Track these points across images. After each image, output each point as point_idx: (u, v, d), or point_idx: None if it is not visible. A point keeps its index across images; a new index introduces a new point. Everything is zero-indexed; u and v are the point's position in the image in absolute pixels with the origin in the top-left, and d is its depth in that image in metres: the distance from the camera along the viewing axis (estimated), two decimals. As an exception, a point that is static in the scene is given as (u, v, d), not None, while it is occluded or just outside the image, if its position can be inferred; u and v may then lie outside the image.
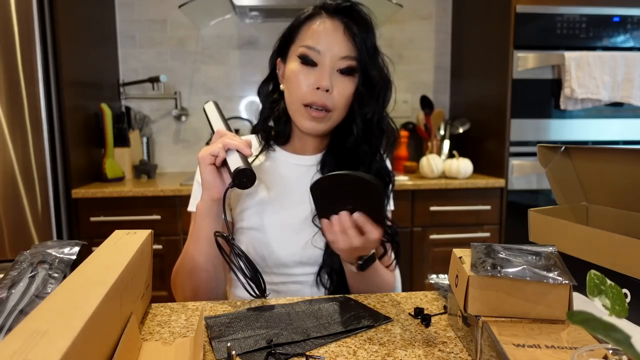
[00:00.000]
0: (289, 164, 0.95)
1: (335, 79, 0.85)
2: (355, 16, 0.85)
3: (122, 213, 1.86)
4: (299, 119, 0.87)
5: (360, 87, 0.86)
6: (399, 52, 2.53)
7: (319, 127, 0.87)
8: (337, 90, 0.85)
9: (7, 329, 0.50)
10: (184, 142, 2.48)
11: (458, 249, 0.64)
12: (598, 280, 0.57)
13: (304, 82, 0.85)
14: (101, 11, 2.22)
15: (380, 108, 0.90)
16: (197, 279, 0.83)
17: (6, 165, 1.69)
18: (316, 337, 0.61)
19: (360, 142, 0.89)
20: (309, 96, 0.84)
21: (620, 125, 2.09)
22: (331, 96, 0.85)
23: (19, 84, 1.68)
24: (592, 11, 1.99)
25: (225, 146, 0.78)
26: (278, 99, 0.94)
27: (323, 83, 0.83)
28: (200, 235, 0.82)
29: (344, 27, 0.84)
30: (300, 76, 0.85)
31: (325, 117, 0.86)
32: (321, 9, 0.87)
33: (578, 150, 0.79)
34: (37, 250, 0.62)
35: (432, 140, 2.31)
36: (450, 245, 1.78)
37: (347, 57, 0.84)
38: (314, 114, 0.85)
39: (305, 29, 0.87)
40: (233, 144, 0.78)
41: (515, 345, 0.48)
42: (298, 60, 0.86)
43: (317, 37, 0.84)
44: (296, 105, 0.86)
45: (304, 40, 0.86)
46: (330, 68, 0.84)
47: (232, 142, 0.78)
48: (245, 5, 2.15)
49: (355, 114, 0.88)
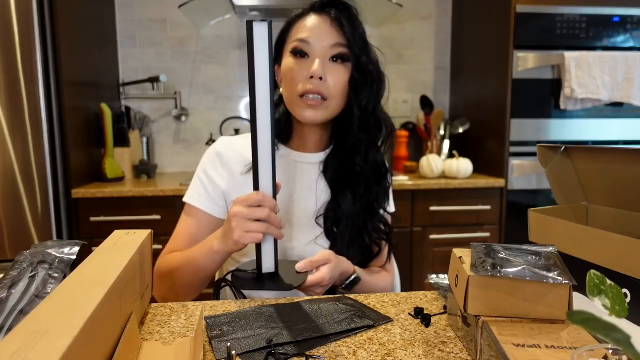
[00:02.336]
0: (291, 161, 0.96)
1: (328, 67, 0.86)
2: (341, 8, 0.88)
3: (122, 213, 1.86)
4: (297, 111, 0.88)
5: (355, 74, 0.88)
6: (399, 52, 2.53)
7: (318, 115, 0.87)
8: (331, 78, 0.86)
9: (7, 329, 0.50)
10: (184, 142, 2.48)
11: (458, 249, 0.64)
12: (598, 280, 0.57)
13: (298, 74, 0.86)
14: (101, 11, 2.22)
15: (375, 97, 0.91)
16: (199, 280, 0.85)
17: (6, 165, 1.69)
18: (316, 337, 0.61)
19: (358, 130, 0.90)
20: (303, 86, 0.86)
21: (620, 125, 2.09)
22: (326, 84, 0.86)
23: (19, 83, 1.68)
24: (592, 11, 1.99)
25: (269, 233, 0.75)
26: (278, 103, 0.95)
27: (315, 70, 0.84)
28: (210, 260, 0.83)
29: (331, 19, 0.87)
30: (294, 68, 0.87)
31: (322, 105, 0.87)
32: (309, 9, 0.90)
33: (578, 150, 0.79)
34: (37, 250, 0.62)
35: (432, 140, 2.31)
36: (450, 245, 1.78)
37: (337, 45, 0.86)
38: (310, 102, 0.86)
39: (295, 27, 0.90)
40: (278, 234, 0.76)
41: (515, 345, 0.48)
42: (291, 56, 0.88)
43: (307, 31, 0.87)
44: (293, 97, 0.88)
45: (295, 36, 0.88)
46: (322, 57, 0.86)
47: (277, 233, 0.76)
48: (245, 5, 2.15)
49: (352, 103, 0.89)
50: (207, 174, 0.94)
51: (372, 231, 0.94)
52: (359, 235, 0.93)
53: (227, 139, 0.97)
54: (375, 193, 0.94)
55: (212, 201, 0.93)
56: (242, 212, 0.73)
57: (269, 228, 0.74)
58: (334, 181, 0.93)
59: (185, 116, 2.44)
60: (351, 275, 0.86)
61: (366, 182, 0.92)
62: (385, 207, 0.97)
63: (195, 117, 2.46)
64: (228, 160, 0.94)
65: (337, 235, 0.91)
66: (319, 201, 0.94)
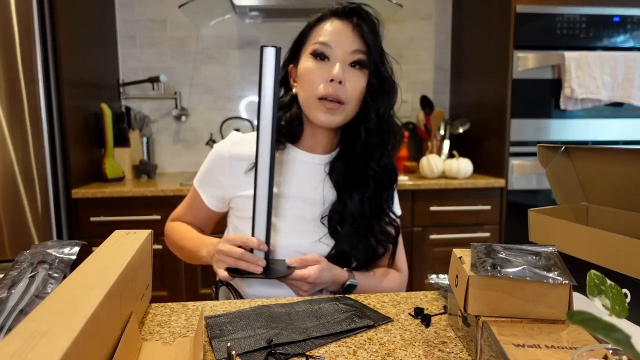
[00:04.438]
0: (299, 161, 0.97)
1: (347, 72, 0.88)
2: (363, 16, 0.90)
3: (122, 213, 1.86)
4: (314, 113, 0.89)
5: (373, 81, 0.89)
6: (399, 52, 2.53)
7: (334, 119, 0.89)
8: (350, 83, 0.87)
9: (7, 329, 0.50)
10: (184, 142, 2.48)
11: (458, 249, 0.64)
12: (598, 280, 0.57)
13: (317, 76, 0.87)
14: (101, 11, 2.22)
15: (390, 104, 0.93)
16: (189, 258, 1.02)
17: (6, 165, 1.69)
18: (316, 337, 0.61)
19: (373, 135, 0.92)
20: (323, 89, 0.87)
21: (620, 125, 2.09)
22: (344, 88, 0.87)
23: (19, 83, 1.68)
24: (592, 11, 1.99)
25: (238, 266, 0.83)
26: (288, 103, 0.96)
27: (336, 73, 0.85)
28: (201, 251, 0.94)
29: (352, 26, 0.88)
30: (314, 71, 0.88)
31: (339, 109, 0.88)
32: (331, 13, 0.91)
33: (578, 150, 0.79)
34: (37, 250, 0.62)
35: (432, 140, 2.31)
36: (450, 245, 1.78)
37: (357, 51, 0.88)
38: (328, 105, 0.87)
39: (316, 30, 0.91)
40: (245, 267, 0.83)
41: (515, 345, 0.48)
42: (310, 57, 0.89)
43: (328, 35, 0.88)
44: (311, 99, 0.89)
45: (316, 39, 0.89)
46: (342, 61, 0.87)
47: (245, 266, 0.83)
48: (245, 5, 2.15)
49: (369, 108, 0.91)
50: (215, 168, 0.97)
51: (379, 233, 0.95)
52: (364, 236, 0.94)
53: (235, 136, 0.98)
54: (385, 196, 0.96)
55: (212, 197, 1.00)
56: (223, 249, 0.83)
57: (235, 262, 0.82)
58: (340, 183, 0.94)
59: (185, 116, 2.44)
60: (345, 282, 0.89)
61: (377, 186, 0.94)
62: (393, 209, 0.99)
63: (195, 117, 2.47)
64: (234, 158, 0.95)
65: (342, 235, 0.92)
66: (325, 201, 0.94)
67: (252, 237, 0.84)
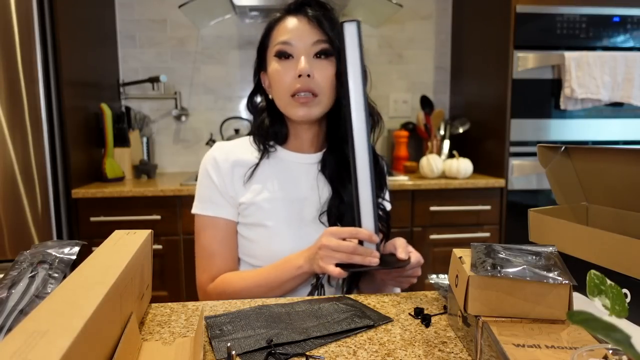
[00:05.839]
0: (290, 162, 0.97)
1: (314, 64, 0.88)
2: (315, 6, 0.90)
3: (122, 213, 1.86)
4: (291, 111, 0.90)
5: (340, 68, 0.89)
6: (399, 52, 2.53)
7: (312, 112, 0.89)
8: (319, 74, 0.88)
9: (7, 329, 0.50)
10: (184, 142, 2.48)
11: (458, 249, 0.64)
12: (598, 280, 0.57)
13: (286, 75, 0.89)
14: (101, 11, 2.22)
15: None
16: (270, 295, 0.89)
17: (6, 165, 1.69)
18: (316, 337, 0.61)
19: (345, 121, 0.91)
20: (294, 85, 0.88)
21: (620, 125, 2.09)
22: (314, 81, 0.88)
23: (19, 83, 1.68)
24: (592, 11, 1.99)
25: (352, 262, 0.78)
26: (267, 108, 0.97)
27: (302, 68, 0.86)
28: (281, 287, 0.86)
29: (307, 18, 0.89)
30: (281, 71, 0.89)
31: (314, 101, 0.89)
32: (284, 12, 0.92)
33: (578, 150, 0.79)
34: (37, 250, 0.62)
35: (432, 140, 2.31)
36: (450, 245, 1.78)
37: (319, 41, 0.88)
38: (302, 100, 0.88)
39: (274, 32, 0.92)
40: (360, 261, 0.78)
41: (515, 345, 0.48)
42: (275, 59, 0.90)
43: (287, 33, 0.89)
44: (285, 99, 0.90)
45: (276, 40, 0.90)
46: (306, 55, 0.88)
47: (359, 260, 0.78)
48: (245, 5, 2.15)
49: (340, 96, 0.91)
50: (212, 180, 0.93)
51: None
52: None
53: (222, 145, 0.97)
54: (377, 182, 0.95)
55: (224, 206, 0.93)
56: (330, 244, 0.77)
57: (349, 257, 0.77)
58: (333, 177, 0.95)
59: (185, 116, 2.44)
60: None
61: None
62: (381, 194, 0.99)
63: (195, 117, 2.46)
64: (228, 165, 0.94)
65: None
66: (322, 199, 0.95)
67: (360, 228, 0.79)
